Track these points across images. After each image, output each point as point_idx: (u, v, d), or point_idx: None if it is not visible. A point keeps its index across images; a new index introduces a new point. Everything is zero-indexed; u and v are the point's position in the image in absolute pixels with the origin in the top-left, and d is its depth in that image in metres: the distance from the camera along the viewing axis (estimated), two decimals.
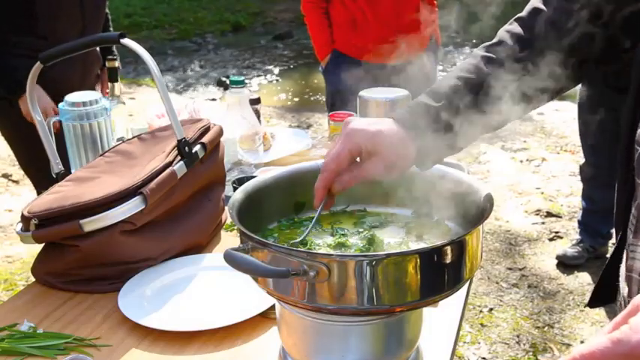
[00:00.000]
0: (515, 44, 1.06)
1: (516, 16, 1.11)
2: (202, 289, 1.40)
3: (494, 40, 1.09)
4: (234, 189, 1.62)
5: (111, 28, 2.90)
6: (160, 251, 1.47)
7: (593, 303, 1.13)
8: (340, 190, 1.02)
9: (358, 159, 1.02)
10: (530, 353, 2.87)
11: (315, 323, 0.99)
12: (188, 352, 1.21)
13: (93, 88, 2.75)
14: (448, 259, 0.91)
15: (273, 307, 1.26)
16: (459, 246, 0.92)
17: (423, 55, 3.23)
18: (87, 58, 2.66)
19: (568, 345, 2.91)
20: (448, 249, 0.91)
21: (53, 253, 1.43)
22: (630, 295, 0.95)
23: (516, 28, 1.08)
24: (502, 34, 1.09)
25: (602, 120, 3.11)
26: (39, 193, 2.65)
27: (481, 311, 3.16)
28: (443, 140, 1.02)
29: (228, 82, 1.89)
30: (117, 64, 2.06)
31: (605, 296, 1.09)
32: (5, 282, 3.47)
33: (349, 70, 3.18)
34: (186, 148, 1.51)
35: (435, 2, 3.30)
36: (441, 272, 0.92)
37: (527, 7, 1.10)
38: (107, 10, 2.86)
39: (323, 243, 1.07)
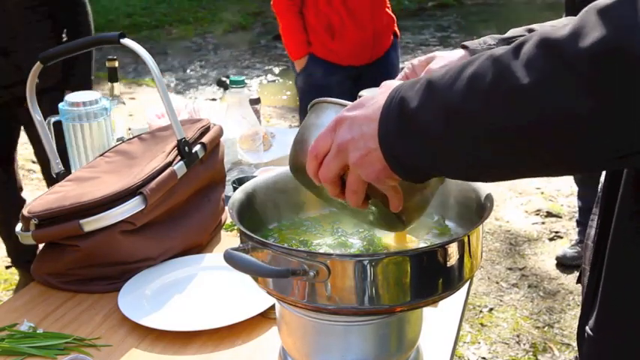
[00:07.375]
0: None
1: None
2: (202, 289, 1.40)
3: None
4: (234, 189, 1.62)
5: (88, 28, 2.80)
6: (160, 251, 1.47)
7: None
8: None
9: None
10: (530, 353, 2.87)
11: (315, 323, 0.99)
12: (188, 352, 1.21)
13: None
14: (448, 259, 0.91)
15: (273, 307, 1.26)
16: (459, 246, 0.92)
17: (390, 51, 3.29)
18: None
19: (568, 345, 2.91)
20: (448, 249, 0.91)
21: (53, 253, 1.43)
22: (585, 263, 0.97)
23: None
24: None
25: None
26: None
27: (481, 311, 3.16)
28: None
29: (228, 82, 1.89)
30: (116, 64, 2.06)
31: None
32: (5, 282, 3.47)
33: (328, 74, 3.17)
34: (186, 148, 1.51)
35: None
36: (441, 272, 0.92)
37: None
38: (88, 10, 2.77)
39: (323, 243, 1.07)
